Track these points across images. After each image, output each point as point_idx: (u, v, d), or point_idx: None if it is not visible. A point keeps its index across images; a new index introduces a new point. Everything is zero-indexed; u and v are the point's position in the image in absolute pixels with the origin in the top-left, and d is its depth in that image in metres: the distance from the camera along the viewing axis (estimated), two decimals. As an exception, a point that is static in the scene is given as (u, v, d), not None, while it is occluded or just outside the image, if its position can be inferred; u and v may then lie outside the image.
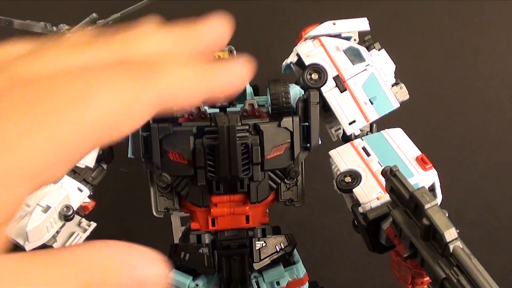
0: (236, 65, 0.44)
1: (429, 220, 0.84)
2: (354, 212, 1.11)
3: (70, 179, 1.14)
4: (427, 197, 0.85)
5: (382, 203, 1.07)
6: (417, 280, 1.02)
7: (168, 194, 1.20)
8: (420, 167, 1.12)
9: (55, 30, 1.21)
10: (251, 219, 1.21)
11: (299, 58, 1.22)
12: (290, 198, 1.23)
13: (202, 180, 1.12)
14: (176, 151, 1.11)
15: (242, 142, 1.09)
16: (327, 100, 1.19)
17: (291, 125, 1.13)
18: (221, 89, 0.42)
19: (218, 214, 1.19)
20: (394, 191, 0.93)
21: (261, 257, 1.22)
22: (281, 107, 1.14)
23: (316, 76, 1.19)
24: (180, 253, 1.21)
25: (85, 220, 1.18)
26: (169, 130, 1.11)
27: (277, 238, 1.23)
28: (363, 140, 1.18)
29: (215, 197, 1.16)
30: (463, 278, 0.81)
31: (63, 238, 1.15)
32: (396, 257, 1.05)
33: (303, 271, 1.27)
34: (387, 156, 1.14)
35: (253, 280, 1.25)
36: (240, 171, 1.11)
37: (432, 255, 0.87)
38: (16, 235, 1.01)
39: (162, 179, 1.13)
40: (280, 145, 1.14)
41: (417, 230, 0.89)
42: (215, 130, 1.09)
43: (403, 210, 0.93)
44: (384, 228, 1.07)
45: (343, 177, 1.13)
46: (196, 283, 1.22)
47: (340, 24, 1.24)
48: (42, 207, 1.03)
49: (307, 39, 1.24)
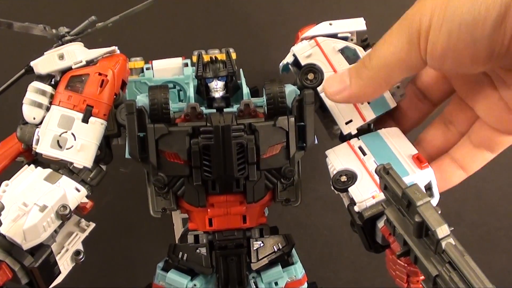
0: None
1: (421, 217, 0.84)
2: (350, 211, 1.12)
3: (68, 180, 1.15)
4: (419, 194, 0.85)
5: (378, 201, 1.08)
6: (412, 279, 1.02)
7: (165, 194, 1.20)
8: (416, 165, 1.12)
9: (54, 32, 1.23)
10: (248, 219, 1.21)
11: (295, 59, 1.23)
12: (287, 198, 1.23)
13: (198, 179, 1.13)
14: (172, 151, 1.12)
15: (237, 141, 1.10)
16: (324, 100, 1.20)
17: (286, 124, 1.14)
18: None
19: (215, 214, 1.19)
20: (388, 189, 0.94)
21: (258, 257, 1.22)
22: (276, 107, 1.15)
23: (312, 76, 1.20)
24: (178, 253, 1.22)
25: (84, 220, 1.20)
26: (165, 130, 1.12)
27: (274, 238, 1.24)
28: (359, 139, 1.19)
29: (211, 197, 1.17)
30: (455, 275, 0.81)
31: (62, 238, 1.16)
32: (391, 255, 1.05)
33: (302, 271, 1.27)
34: (383, 155, 1.15)
35: (251, 280, 1.25)
36: (235, 170, 1.11)
37: (425, 252, 0.87)
38: (14, 234, 1.02)
39: (158, 179, 1.14)
40: (276, 144, 1.14)
41: (410, 227, 0.89)
42: (210, 130, 1.10)
43: (397, 208, 0.93)
44: (379, 226, 1.07)
45: (339, 177, 1.14)
46: (194, 283, 1.22)
47: (337, 24, 1.25)
48: (39, 206, 1.04)
49: (303, 39, 1.24)
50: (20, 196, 1.08)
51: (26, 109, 1.17)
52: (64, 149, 1.15)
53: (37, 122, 1.16)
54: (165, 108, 1.13)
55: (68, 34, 1.23)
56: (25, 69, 1.20)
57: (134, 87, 1.33)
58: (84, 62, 1.19)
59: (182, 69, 1.35)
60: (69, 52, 1.18)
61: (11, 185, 1.11)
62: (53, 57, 1.18)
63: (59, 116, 1.16)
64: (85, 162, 1.16)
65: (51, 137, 1.15)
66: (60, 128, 1.15)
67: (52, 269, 1.08)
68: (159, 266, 1.26)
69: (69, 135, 1.15)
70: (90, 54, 1.20)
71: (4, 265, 1.01)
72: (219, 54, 1.32)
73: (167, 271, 1.24)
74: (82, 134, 1.15)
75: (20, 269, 1.03)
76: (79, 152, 1.15)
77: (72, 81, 1.17)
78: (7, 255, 1.02)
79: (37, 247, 1.05)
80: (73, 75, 1.17)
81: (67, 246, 1.15)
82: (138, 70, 1.35)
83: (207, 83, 1.18)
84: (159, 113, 1.13)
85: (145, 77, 1.33)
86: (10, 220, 1.03)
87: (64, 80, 1.17)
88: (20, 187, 1.10)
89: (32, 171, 1.15)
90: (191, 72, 1.32)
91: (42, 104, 1.16)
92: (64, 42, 1.22)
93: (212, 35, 1.77)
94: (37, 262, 1.03)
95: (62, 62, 1.18)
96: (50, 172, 1.14)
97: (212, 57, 1.21)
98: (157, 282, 1.25)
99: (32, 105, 1.16)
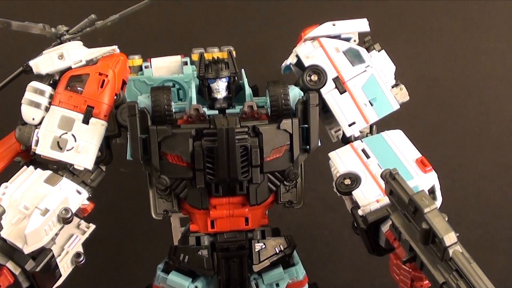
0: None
1: (429, 224, 0.83)
2: (354, 214, 1.11)
3: (69, 182, 1.13)
4: (427, 201, 0.85)
5: (382, 205, 1.07)
6: (416, 284, 1.02)
7: (167, 196, 1.20)
8: (420, 169, 1.11)
9: (53, 31, 1.21)
10: (250, 221, 1.20)
11: (298, 59, 1.22)
12: (290, 200, 1.22)
13: (201, 182, 1.12)
14: (175, 153, 1.11)
15: (241, 144, 1.09)
16: (327, 102, 1.19)
17: (290, 127, 1.13)
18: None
19: (217, 216, 1.18)
20: (393, 194, 0.93)
21: (260, 259, 1.21)
22: (280, 109, 1.14)
23: (315, 78, 1.19)
24: (179, 255, 1.21)
25: (84, 222, 1.18)
26: (168, 133, 1.10)
27: (276, 240, 1.23)
28: (362, 142, 1.18)
29: (214, 199, 1.16)
30: (462, 283, 0.81)
31: (62, 240, 1.14)
32: (395, 260, 1.04)
33: (303, 272, 1.27)
34: (387, 159, 1.14)
35: (252, 282, 1.24)
36: (240, 174, 1.10)
37: (432, 259, 0.87)
38: (15, 238, 1.01)
39: (161, 181, 1.13)
40: (280, 147, 1.13)
41: (416, 233, 0.89)
42: (214, 132, 1.09)
43: (403, 213, 0.93)
44: (383, 230, 1.06)
45: (342, 180, 1.13)
46: (195, 285, 1.21)
47: (340, 25, 1.24)
48: (41, 210, 1.02)
49: (306, 40, 1.23)
50: (20, 198, 1.06)
51: (25, 109, 1.15)
52: (64, 151, 1.13)
53: (36, 122, 1.15)
54: (168, 110, 1.12)
55: (67, 32, 1.22)
56: (23, 68, 1.18)
57: (133, 86, 1.31)
58: (84, 61, 1.17)
59: (181, 67, 1.33)
60: (68, 51, 1.17)
61: (10, 187, 1.09)
62: (53, 56, 1.16)
63: (59, 117, 1.14)
64: (86, 163, 1.14)
65: (51, 138, 1.13)
66: (60, 129, 1.14)
67: (53, 272, 1.07)
68: (159, 267, 1.26)
69: (70, 136, 1.14)
70: (90, 53, 1.19)
71: (5, 270, 1.00)
72: (218, 52, 1.31)
73: (167, 273, 1.23)
74: (83, 135, 1.14)
75: (21, 273, 1.02)
76: (80, 154, 1.14)
77: (72, 81, 1.15)
78: (8, 259, 1.01)
79: (38, 251, 1.03)
80: (72, 75, 1.16)
81: (67, 248, 1.14)
82: (136, 68, 1.34)
83: (209, 83, 1.16)
84: (162, 115, 1.11)
85: (144, 76, 1.32)
86: (11, 223, 1.02)
87: (63, 80, 1.16)
88: (20, 190, 1.09)
89: (31, 172, 1.13)
90: (192, 72, 1.31)
91: (41, 105, 1.15)
92: (63, 40, 1.21)
93: (212, 34, 1.76)
94: (38, 266, 1.02)
95: (62, 62, 1.16)
96: (50, 174, 1.13)
97: (214, 57, 1.20)
98: (158, 284, 1.24)
99: (31, 105, 1.15)
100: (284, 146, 1.14)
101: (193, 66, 1.32)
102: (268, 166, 1.13)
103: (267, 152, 1.12)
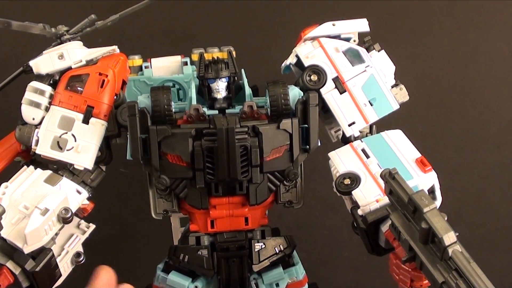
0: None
1: (428, 223, 0.83)
2: (354, 214, 1.11)
3: (69, 181, 1.13)
4: (426, 201, 0.85)
5: (381, 205, 1.07)
6: (416, 283, 1.02)
7: (167, 196, 1.20)
8: (420, 169, 1.11)
9: (53, 31, 1.21)
10: (250, 221, 1.21)
11: (298, 59, 1.22)
12: (289, 200, 1.23)
13: (201, 182, 1.12)
14: (175, 153, 1.11)
15: (241, 144, 1.09)
16: (327, 102, 1.19)
17: (290, 127, 1.13)
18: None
19: (217, 216, 1.19)
20: (393, 194, 0.93)
21: (260, 259, 1.21)
22: (280, 109, 1.14)
23: (315, 78, 1.19)
24: (179, 255, 1.21)
25: (84, 222, 1.18)
26: (168, 132, 1.11)
27: (276, 240, 1.23)
28: (362, 141, 1.18)
29: (214, 199, 1.16)
30: (461, 282, 0.81)
31: (62, 240, 1.14)
32: (395, 260, 1.05)
33: (303, 272, 1.27)
34: (386, 158, 1.14)
35: (252, 282, 1.25)
36: (239, 174, 1.10)
37: (431, 258, 0.87)
38: (15, 237, 1.01)
39: (160, 181, 1.13)
40: (279, 147, 1.13)
41: (416, 233, 0.89)
42: (214, 132, 1.09)
43: (402, 213, 0.93)
44: (383, 230, 1.07)
45: (342, 179, 1.13)
46: (195, 285, 1.21)
47: (340, 25, 1.24)
48: (41, 209, 1.02)
49: (306, 40, 1.23)
50: (20, 198, 1.06)
51: (25, 109, 1.15)
52: (64, 151, 1.13)
53: (37, 122, 1.15)
54: (168, 110, 1.12)
55: (67, 32, 1.22)
56: (23, 68, 1.18)
57: (133, 86, 1.31)
58: (84, 61, 1.17)
59: (181, 67, 1.34)
60: (68, 51, 1.17)
61: (11, 187, 1.09)
62: (53, 56, 1.16)
63: (59, 116, 1.14)
64: (86, 163, 1.15)
65: (51, 138, 1.14)
66: (60, 129, 1.14)
67: (53, 272, 1.07)
68: (159, 267, 1.26)
69: (70, 136, 1.14)
70: (90, 53, 1.19)
71: (5, 269, 1.00)
72: (218, 52, 1.31)
73: (167, 273, 1.23)
74: (83, 135, 1.14)
75: (21, 273, 1.02)
76: (80, 154, 1.14)
77: (72, 81, 1.15)
78: (8, 258, 1.01)
79: (38, 251, 1.03)
80: (73, 75, 1.16)
81: (67, 248, 1.14)
82: (136, 68, 1.34)
83: (209, 83, 1.17)
84: (162, 115, 1.12)
85: (144, 76, 1.32)
86: (11, 223, 1.02)
87: (63, 80, 1.16)
88: (20, 189, 1.09)
89: (31, 172, 1.13)
90: (192, 72, 1.31)
91: (41, 104, 1.15)
92: (63, 40, 1.21)
93: (212, 34, 1.76)
94: (38, 266, 1.02)
95: (62, 62, 1.16)
96: (50, 174, 1.13)
97: (214, 57, 1.20)
98: (158, 284, 1.24)
99: (31, 105, 1.15)
100: (284, 146, 1.14)
101: (193, 66, 1.32)
102: (268, 166, 1.13)
103: (267, 152, 1.12)
